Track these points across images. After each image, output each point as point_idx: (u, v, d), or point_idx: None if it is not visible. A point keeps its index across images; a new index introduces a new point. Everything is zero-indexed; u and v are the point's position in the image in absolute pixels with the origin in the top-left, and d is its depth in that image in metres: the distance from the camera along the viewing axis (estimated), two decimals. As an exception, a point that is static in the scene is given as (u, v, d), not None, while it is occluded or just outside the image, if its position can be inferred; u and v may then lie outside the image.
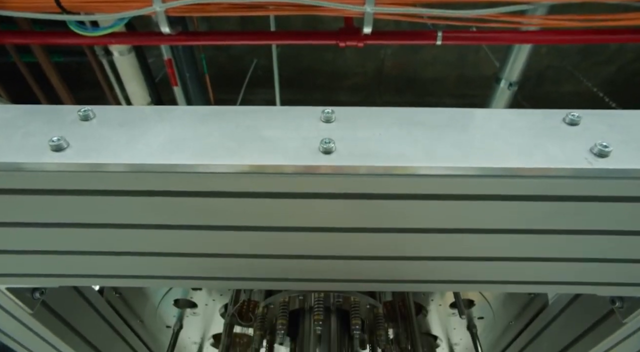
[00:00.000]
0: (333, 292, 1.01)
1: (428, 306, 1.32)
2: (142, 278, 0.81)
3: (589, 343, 1.08)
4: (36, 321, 1.00)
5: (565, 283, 0.82)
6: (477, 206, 0.64)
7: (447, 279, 0.82)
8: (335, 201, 0.63)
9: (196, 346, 1.59)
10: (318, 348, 0.97)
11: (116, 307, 1.38)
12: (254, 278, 0.81)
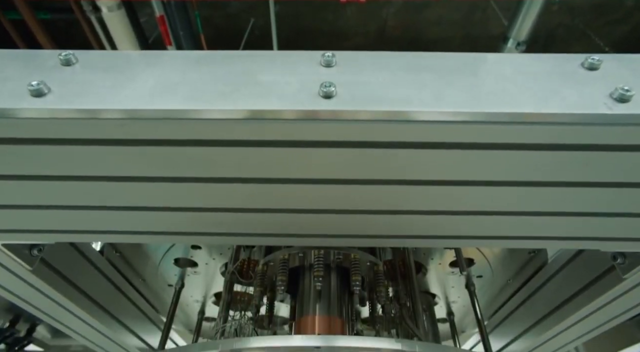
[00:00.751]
0: (333, 249, 1.01)
1: (428, 265, 1.33)
2: (138, 234, 0.80)
3: (586, 298, 1.09)
4: (36, 277, 1.00)
5: (571, 238, 0.81)
6: (485, 155, 0.61)
7: (449, 235, 0.80)
8: (335, 150, 0.60)
9: (198, 304, 1.63)
10: (318, 304, 0.98)
11: (117, 266, 1.39)
12: (252, 233, 0.79)
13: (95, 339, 1.44)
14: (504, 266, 1.35)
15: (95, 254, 1.31)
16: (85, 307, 1.24)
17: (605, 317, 1.16)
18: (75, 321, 1.29)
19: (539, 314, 1.37)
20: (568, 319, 1.22)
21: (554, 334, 1.35)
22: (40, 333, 2.18)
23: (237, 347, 0.83)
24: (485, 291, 1.53)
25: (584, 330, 1.30)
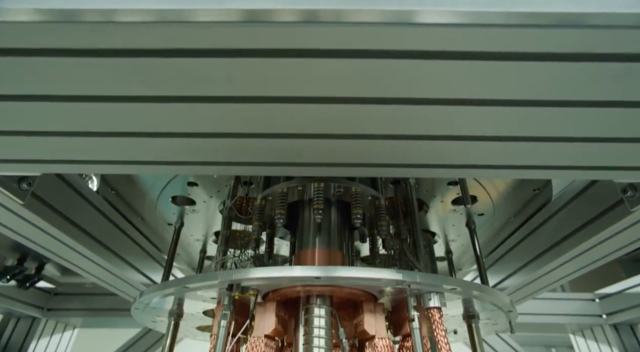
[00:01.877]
0: (333, 183, 0.97)
1: (429, 202, 1.31)
2: (126, 164, 0.75)
3: (589, 232, 1.08)
4: (29, 212, 0.98)
5: (584, 168, 0.77)
6: (502, 68, 0.55)
7: (456, 164, 0.76)
8: (337, 61, 0.53)
9: (200, 243, 1.64)
10: (318, 237, 0.96)
11: (114, 204, 1.37)
12: (248, 162, 0.75)
13: (99, 274, 1.47)
14: (506, 204, 1.33)
15: (91, 192, 1.28)
16: (85, 242, 1.24)
17: (606, 251, 1.16)
18: (76, 256, 1.30)
19: (538, 250, 1.38)
20: (568, 253, 1.22)
21: (551, 269, 1.37)
22: (49, 271, 2.25)
23: (236, 278, 0.82)
24: (485, 230, 1.54)
25: (581, 264, 1.32)
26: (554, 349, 5.31)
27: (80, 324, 2.52)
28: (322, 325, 0.85)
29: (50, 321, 2.31)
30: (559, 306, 2.37)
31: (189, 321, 1.29)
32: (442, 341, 0.84)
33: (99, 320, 2.40)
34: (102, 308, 2.32)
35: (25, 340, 2.20)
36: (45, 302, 2.27)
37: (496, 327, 1.31)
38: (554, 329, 2.53)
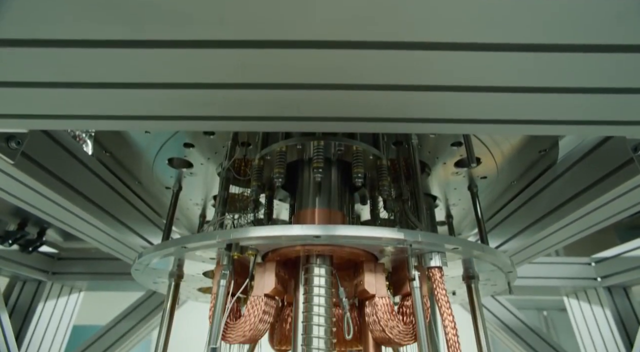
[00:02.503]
0: (334, 141, 0.94)
1: (432, 165, 1.29)
2: (114, 119, 0.72)
3: (595, 193, 1.06)
4: (21, 172, 0.95)
5: (595, 122, 0.73)
6: (509, 5, 0.50)
7: (461, 118, 0.72)
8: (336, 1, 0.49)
9: (199, 208, 1.63)
10: (317, 197, 0.94)
11: (110, 167, 1.35)
12: (245, 117, 0.71)
13: (100, 238, 1.47)
14: (510, 167, 1.31)
15: (85, 154, 1.25)
16: (83, 205, 1.22)
17: (609, 213, 1.15)
18: (74, 219, 1.29)
19: (540, 213, 1.37)
20: (570, 215, 1.21)
21: (552, 232, 1.36)
22: (51, 236, 2.26)
23: (235, 237, 0.81)
24: (487, 195, 1.52)
25: (583, 227, 1.31)
26: (545, 312, 5.48)
27: (86, 287, 2.57)
28: (322, 284, 0.84)
29: (55, 285, 2.35)
30: (554, 269, 2.41)
31: (190, 283, 1.30)
32: (442, 300, 0.83)
33: (103, 283, 2.45)
34: (106, 272, 2.36)
35: (32, 303, 2.25)
36: (50, 266, 2.30)
37: (495, 288, 1.32)
38: (549, 292, 2.59)
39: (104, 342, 2.23)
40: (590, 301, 2.39)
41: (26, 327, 2.20)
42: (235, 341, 0.85)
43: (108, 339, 2.25)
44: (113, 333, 2.26)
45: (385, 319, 0.85)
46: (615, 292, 2.31)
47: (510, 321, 2.29)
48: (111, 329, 2.27)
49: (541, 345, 2.25)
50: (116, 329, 2.27)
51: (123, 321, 2.30)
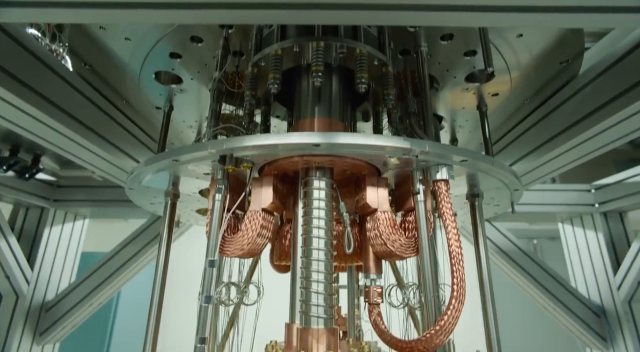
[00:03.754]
0: (335, 42, 0.84)
1: (441, 78, 1.19)
2: (80, 7, 0.61)
3: (617, 107, 0.99)
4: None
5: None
6: None
7: (477, 4, 0.62)
8: None
9: (192, 130, 1.56)
10: (317, 106, 0.87)
11: (93, 83, 1.25)
12: (227, 3, 0.61)
13: (93, 161, 1.42)
14: (526, 81, 1.21)
15: (65, 69, 1.15)
16: (69, 124, 1.15)
17: (626, 129, 1.08)
18: (64, 141, 1.23)
19: (550, 134, 1.30)
20: (584, 134, 1.15)
21: (560, 153, 1.31)
22: (47, 164, 2.23)
23: (228, 146, 0.75)
24: (498, 115, 1.44)
25: (593, 147, 1.26)
26: (535, 241, 5.69)
27: (90, 214, 2.61)
28: (322, 197, 0.80)
29: (59, 211, 2.38)
30: (552, 196, 2.42)
31: (187, 203, 1.28)
32: (447, 213, 0.80)
33: (106, 210, 2.47)
34: (108, 199, 2.37)
35: (37, 228, 2.29)
36: (50, 194, 2.30)
37: (497, 209, 1.30)
38: (543, 218, 2.63)
39: (110, 267, 2.31)
40: (584, 227, 2.43)
41: (35, 251, 2.27)
42: (233, 254, 0.83)
43: (114, 264, 2.33)
44: (118, 258, 2.33)
45: (387, 233, 0.83)
46: (610, 218, 2.35)
47: (503, 244, 2.35)
48: (116, 254, 2.34)
49: (534, 268, 2.33)
50: (121, 254, 2.34)
51: (128, 246, 2.36)
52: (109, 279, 2.30)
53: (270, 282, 1.18)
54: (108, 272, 2.31)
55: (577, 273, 2.46)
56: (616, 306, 2.15)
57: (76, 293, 2.28)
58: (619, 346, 2.14)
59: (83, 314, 2.31)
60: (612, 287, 2.19)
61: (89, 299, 2.27)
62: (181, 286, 3.18)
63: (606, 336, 2.21)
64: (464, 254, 0.78)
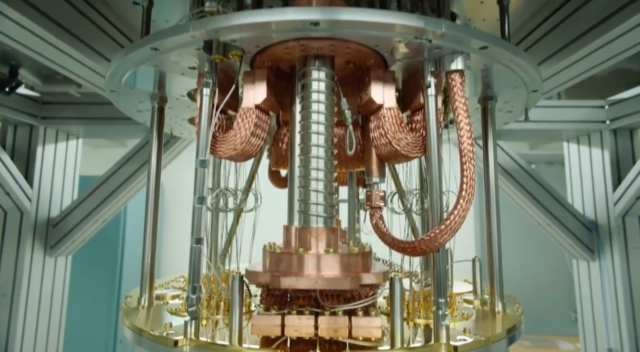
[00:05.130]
0: None
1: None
2: None
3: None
4: None
5: None
6: None
7: None
8: None
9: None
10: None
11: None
12: None
13: (69, 66, 1.31)
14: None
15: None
16: (36, 19, 1.02)
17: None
18: (34, 40, 1.10)
19: (577, 32, 1.17)
20: (615, 29, 1.02)
21: (585, 54, 1.19)
22: (27, 79, 2.10)
23: (213, 26, 0.65)
24: (516, 17, 1.29)
25: (622, 47, 1.14)
26: (533, 166, 5.72)
27: (83, 134, 2.54)
28: (321, 89, 0.72)
29: (49, 130, 2.30)
30: (561, 113, 2.33)
31: (177, 111, 1.20)
32: (460, 109, 0.72)
33: (99, 129, 2.40)
34: (99, 117, 2.28)
35: (30, 147, 2.23)
36: (37, 110, 2.20)
37: (509, 116, 1.22)
38: (549, 137, 2.56)
39: (111, 184, 2.30)
40: (590, 145, 2.38)
41: (32, 170, 2.25)
42: (226, 154, 0.78)
43: (115, 181, 2.32)
44: (119, 175, 2.32)
45: (393, 131, 0.76)
46: (620, 135, 2.28)
47: (504, 162, 2.32)
48: (117, 171, 2.32)
49: (532, 186, 2.33)
50: (122, 171, 2.32)
51: (128, 163, 2.33)
52: (112, 196, 2.31)
53: (270, 195, 1.16)
54: (109, 189, 2.31)
55: (576, 191, 2.47)
56: (609, 221, 2.19)
57: (80, 210, 2.31)
58: (606, 257, 2.24)
59: (90, 229, 2.37)
60: (608, 203, 2.21)
61: (94, 216, 2.31)
62: (188, 207, 3.24)
63: (595, 248, 2.29)
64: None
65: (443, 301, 0.69)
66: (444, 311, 0.69)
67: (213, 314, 0.81)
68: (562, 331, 4.02)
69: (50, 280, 2.34)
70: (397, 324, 0.66)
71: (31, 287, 2.20)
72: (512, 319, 0.84)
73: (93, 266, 3.40)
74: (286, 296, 0.76)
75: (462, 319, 0.85)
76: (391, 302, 0.66)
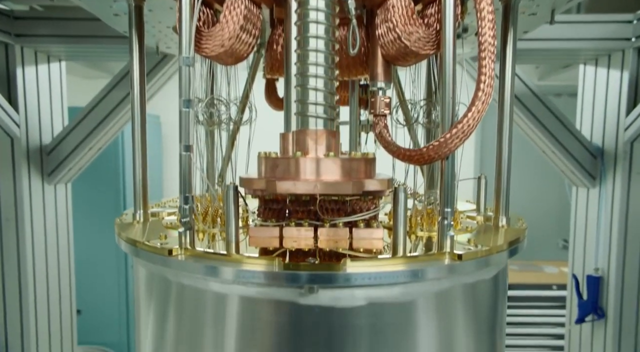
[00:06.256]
0: None
1: None
2: None
3: None
4: None
5: None
6: None
7: None
8: None
9: None
10: None
11: None
12: None
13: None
14: None
15: None
16: None
17: None
18: None
19: None
20: None
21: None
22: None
23: None
24: None
25: None
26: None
27: (65, 55, 2.37)
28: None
29: (27, 50, 2.14)
30: (581, 29, 2.14)
31: (160, 16, 1.07)
32: (486, 10, 0.61)
33: (82, 49, 2.23)
34: (80, 34, 2.10)
35: (8, 68, 2.09)
36: (9, 27, 2.02)
37: (532, 20, 1.09)
38: (566, 56, 2.39)
39: (98, 113, 2.21)
40: (610, 66, 2.23)
41: (14, 94, 2.13)
42: (213, 52, 0.68)
43: (102, 110, 2.21)
44: (110, 99, 2.21)
45: (403, 23, 0.66)
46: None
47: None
48: (107, 94, 2.21)
49: (540, 110, 2.24)
50: (113, 95, 2.21)
51: (119, 87, 2.21)
52: (103, 123, 2.23)
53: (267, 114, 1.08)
54: (100, 115, 2.22)
55: (585, 117, 2.38)
56: (617, 147, 2.14)
57: (72, 137, 2.24)
58: (607, 183, 2.22)
59: (86, 157, 2.32)
60: (619, 128, 2.13)
61: (88, 143, 2.25)
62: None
63: (597, 174, 2.27)
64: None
65: (450, 210, 0.66)
66: (449, 221, 0.66)
67: (210, 228, 0.78)
68: (549, 257, 4.22)
69: (52, 207, 2.36)
70: (400, 234, 0.63)
71: (34, 214, 2.22)
72: (517, 232, 0.82)
73: (97, 194, 3.44)
74: (284, 210, 0.73)
75: (465, 232, 0.83)
76: (394, 212, 0.63)
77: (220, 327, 0.65)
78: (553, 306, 3.64)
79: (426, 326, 0.67)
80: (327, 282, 0.56)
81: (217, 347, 0.66)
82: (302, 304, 0.60)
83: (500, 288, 0.81)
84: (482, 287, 0.74)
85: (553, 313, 3.63)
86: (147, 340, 0.77)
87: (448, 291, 0.67)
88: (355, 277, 0.56)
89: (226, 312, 0.64)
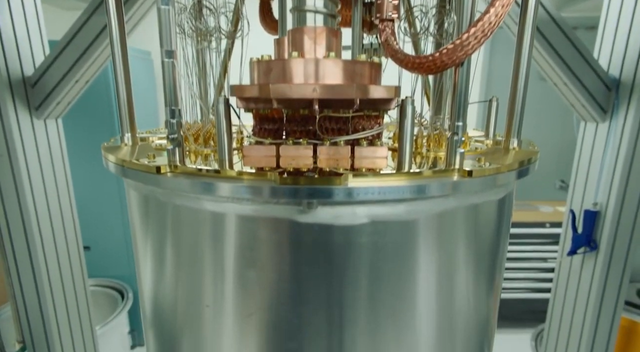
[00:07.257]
0: None
1: None
2: None
3: None
4: None
5: None
6: None
7: None
8: None
9: None
10: None
11: None
12: None
13: None
14: None
15: None
16: None
17: None
18: None
19: None
20: None
21: None
22: None
23: None
24: None
25: None
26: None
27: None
28: None
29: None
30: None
31: None
32: None
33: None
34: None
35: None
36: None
37: None
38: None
39: (80, 43, 2.04)
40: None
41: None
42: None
43: (83, 39, 2.05)
44: (87, 32, 2.04)
45: None
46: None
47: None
48: (84, 24, 2.03)
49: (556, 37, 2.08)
50: (89, 26, 2.03)
51: (94, 16, 2.03)
52: (87, 53, 2.08)
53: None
54: (83, 45, 2.06)
55: (605, 46, 2.23)
56: (635, 77, 2.03)
57: (56, 69, 2.12)
58: (619, 117, 2.15)
59: (74, 90, 2.21)
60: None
61: (73, 75, 2.13)
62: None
63: (609, 108, 2.18)
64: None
65: (461, 124, 0.60)
66: (460, 136, 0.61)
67: (201, 146, 0.73)
68: (546, 196, 4.25)
69: (45, 143, 2.30)
70: (406, 150, 0.58)
71: (27, 149, 2.17)
72: (528, 153, 0.78)
73: (92, 134, 3.36)
74: (281, 130, 0.67)
75: (474, 153, 0.78)
76: (400, 125, 0.57)
77: (219, 248, 0.63)
78: (545, 242, 3.74)
79: (429, 247, 0.65)
80: (327, 197, 0.52)
81: (216, 271, 0.65)
82: (301, 222, 0.57)
83: (505, 214, 0.78)
84: (488, 209, 0.71)
85: (544, 249, 3.75)
86: (146, 266, 0.76)
87: (454, 210, 0.64)
88: (357, 192, 0.52)
89: (223, 233, 0.62)
